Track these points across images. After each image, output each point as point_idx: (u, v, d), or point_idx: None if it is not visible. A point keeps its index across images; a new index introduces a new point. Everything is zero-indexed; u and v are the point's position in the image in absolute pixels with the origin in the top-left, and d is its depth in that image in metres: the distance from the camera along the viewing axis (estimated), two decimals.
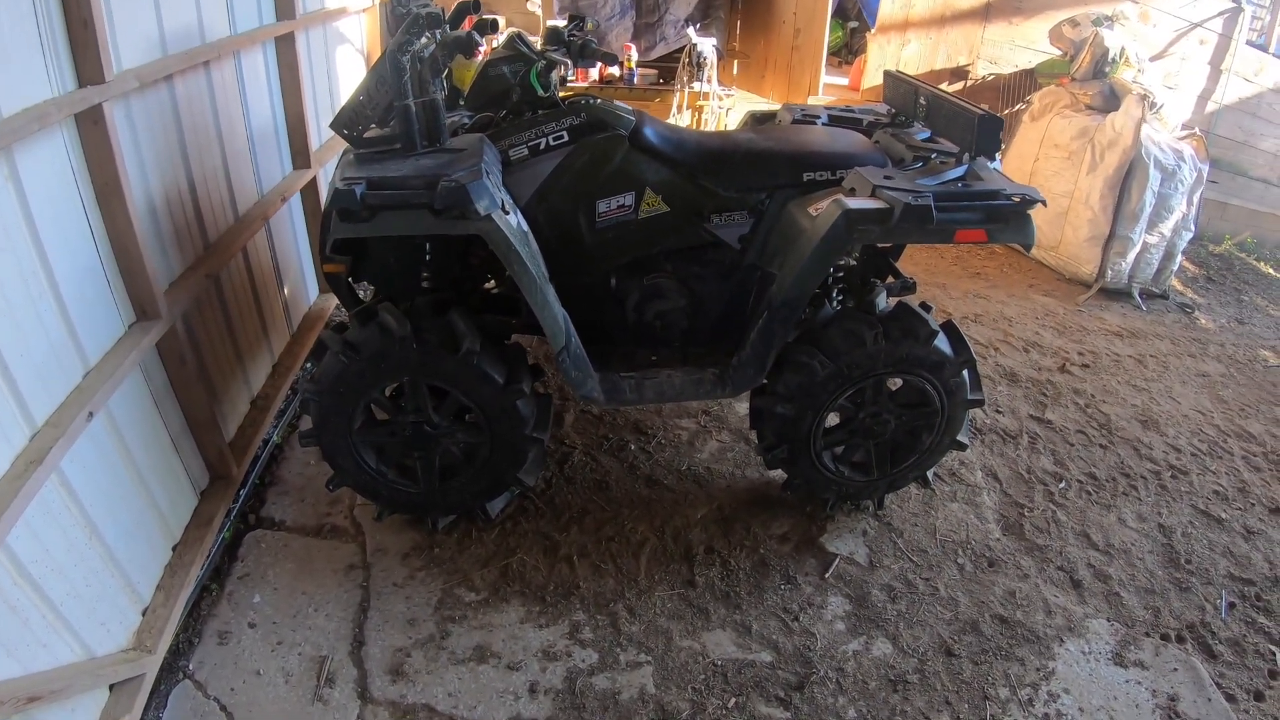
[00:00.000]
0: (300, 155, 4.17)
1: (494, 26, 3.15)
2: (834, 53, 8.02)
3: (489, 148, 2.85)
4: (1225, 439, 4.47)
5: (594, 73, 5.90)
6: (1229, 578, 3.50)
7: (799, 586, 3.20)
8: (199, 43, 3.13)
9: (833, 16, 7.43)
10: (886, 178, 2.85)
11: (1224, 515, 3.86)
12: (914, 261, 6.13)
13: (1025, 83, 6.98)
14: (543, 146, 2.96)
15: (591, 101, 3.04)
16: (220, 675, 2.74)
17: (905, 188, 2.76)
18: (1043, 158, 6.10)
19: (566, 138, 2.96)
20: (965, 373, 3.11)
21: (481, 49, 2.91)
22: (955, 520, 3.59)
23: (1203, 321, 5.83)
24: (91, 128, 2.37)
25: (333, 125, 2.87)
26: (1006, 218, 2.80)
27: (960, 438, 3.30)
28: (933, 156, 3.11)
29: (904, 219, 2.67)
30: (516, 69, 2.94)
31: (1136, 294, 5.86)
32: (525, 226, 2.84)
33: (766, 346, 2.95)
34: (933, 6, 6.81)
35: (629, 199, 3.04)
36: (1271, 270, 7.07)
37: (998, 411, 4.36)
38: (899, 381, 3.15)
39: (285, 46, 3.90)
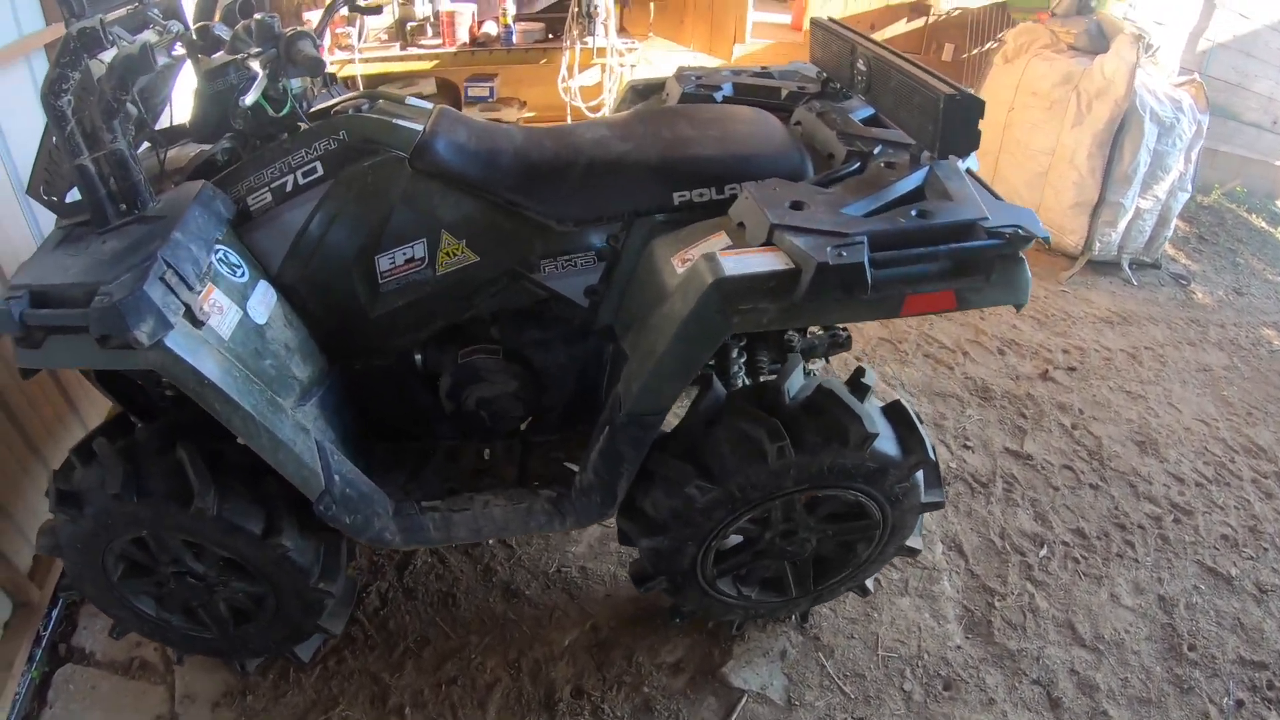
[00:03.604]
0: None
1: (246, 10, 1.92)
2: None
3: (208, 204, 1.73)
4: (1233, 457, 3.41)
5: (462, 32, 4.54)
6: (1238, 662, 2.54)
7: None
8: None
9: None
10: (794, 204, 1.66)
11: (1233, 571, 2.84)
12: None
13: (997, 18, 5.61)
14: (289, 186, 1.82)
15: (358, 111, 1.85)
16: None
17: (823, 226, 1.59)
18: (1019, 107, 4.81)
19: (320, 170, 1.81)
20: (919, 475, 1.97)
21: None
22: (905, 623, 2.52)
23: (1199, 296, 4.66)
24: None
25: (29, 191, 1.84)
26: (987, 266, 1.63)
27: (911, 543, 2.19)
28: (874, 153, 1.92)
29: (818, 287, 1.50)
30: (236, 82, 1.76)
31: (1127, 266, 4.66)
32: (259, 319, 1.75)
33: (613, 473, 1.81)
34: None
35: (419, 249, 1.88)
36: (1264, 224, 5.88)
37: (966, 446, 3.23)
38: None
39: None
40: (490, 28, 4.67)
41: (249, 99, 1.66)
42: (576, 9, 4.21)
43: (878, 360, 3.72)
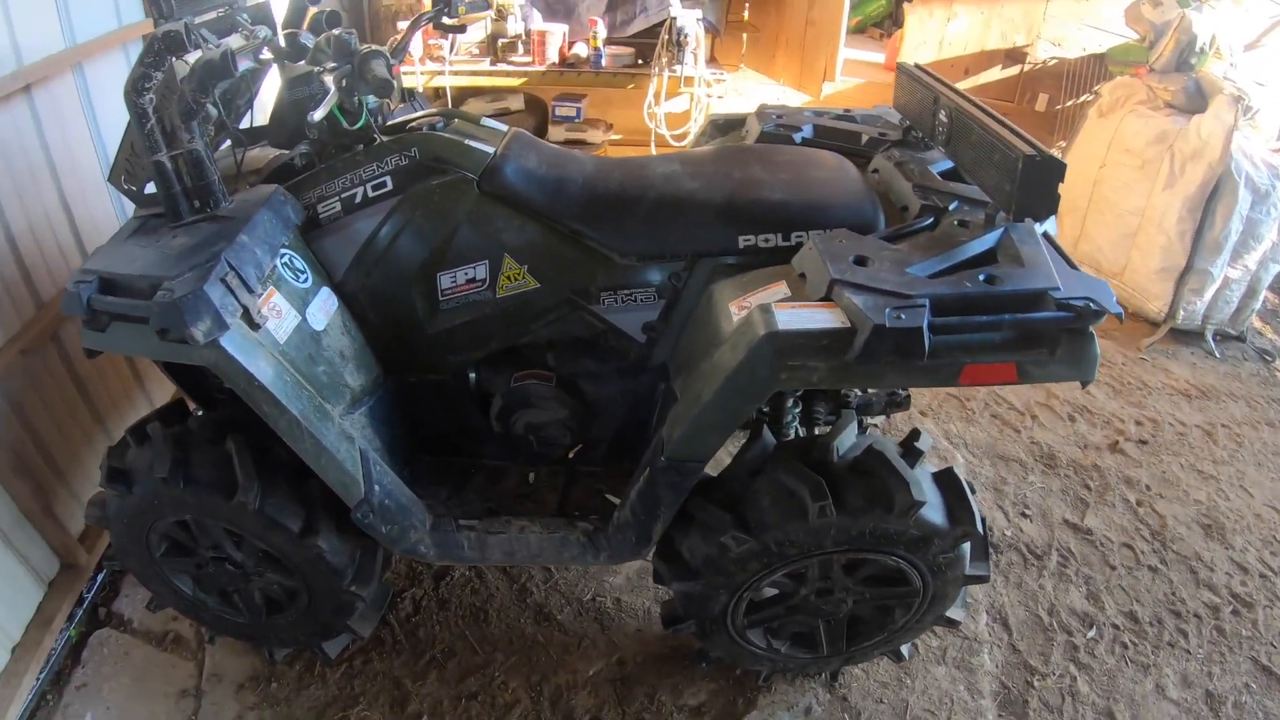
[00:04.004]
0: None
1: (333, 21, 1.96)
2: (876, 24, 6.48)
3: (278, 209, 1.76)
4: None
5: (552, 52, 4.53)
6: None
7: None
8: (13, 67, 2.16)
9: None
10: (858, 259, 1.61)
11: None
12: None
13: (1094, 70, 5.41)
14: (359, 198, 1.84)
15: (432, 129, 1.86)
16: None
17: (885, 285, 1.53)
18: (1111, 164, 4.63)
19: (389, 185, 1.83)
20: (964, 547, 1.88)
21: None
22: (938, 693, 2.41)
23: None
24: None
25: (110, 179, 1.93)
26: (1053, 340, 1.54)
27: (952, 614, 2.09)
28: (949, 210, 1.85)
29: (872, 349, 1.44)
30: (315, 92, 1.80)
31: (1210, 337, 4.43)
32: (317, 325, 1.78)
33: (650, 514, 1.78)
34: None
35: (481, 270, 1.89)
36: None
37: (1024, 514, 3.10)
38: None
39: None
40: (580, 49, 4.65)
41: (318, 115, 1.69)
42: (667, 37, 4.19)
43: (943, 416, 3.60)
